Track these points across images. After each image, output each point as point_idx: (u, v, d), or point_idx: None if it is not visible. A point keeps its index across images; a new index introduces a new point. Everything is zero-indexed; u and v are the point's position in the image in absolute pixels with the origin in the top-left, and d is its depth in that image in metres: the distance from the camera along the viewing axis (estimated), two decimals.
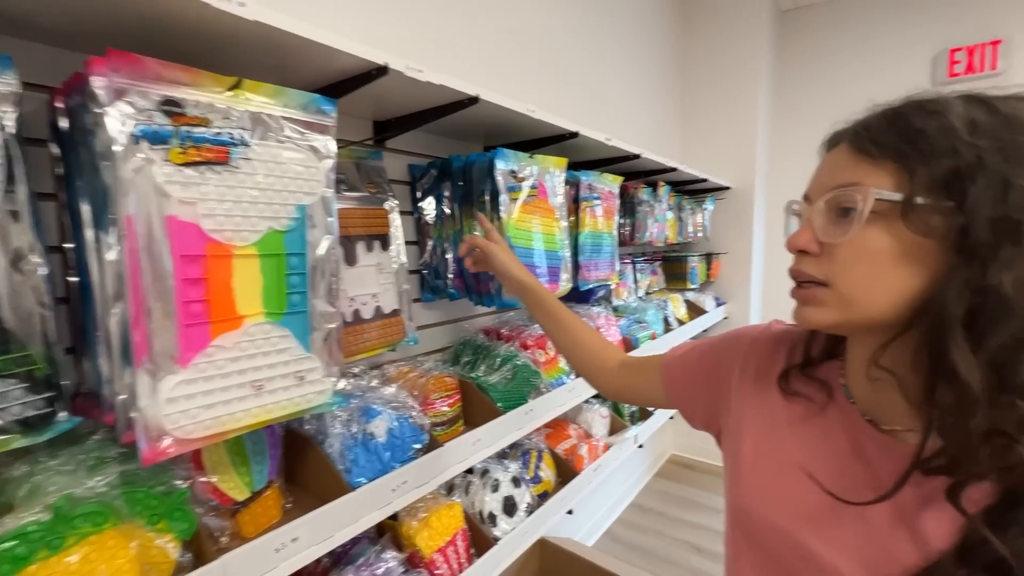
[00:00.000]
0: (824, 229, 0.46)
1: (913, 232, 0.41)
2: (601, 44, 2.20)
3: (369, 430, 0.87)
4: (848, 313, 0.45)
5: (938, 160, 0.40)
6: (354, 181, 1.03)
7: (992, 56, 2.57)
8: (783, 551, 0.50)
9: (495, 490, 1.23)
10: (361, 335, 0.93)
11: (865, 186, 0.42)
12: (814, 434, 0.52)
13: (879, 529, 0.45)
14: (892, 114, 0.44)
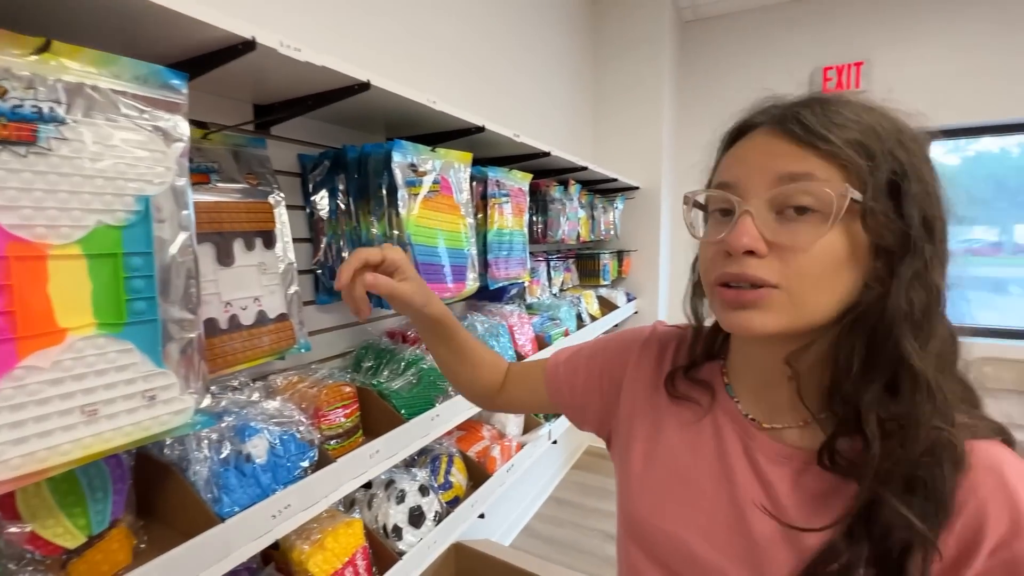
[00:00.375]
0: (773, 227, 0.42)
1: (867, 234, 0.41)
2: (513, 44, 2.18)
3: (245, 451, 0.78)
4: (797, 318, 0.42)
5: (881, 163, 0.40)
6: (230, 171, 0.92)
7: (856, 75, 2.90)
8: (675, 558, 0.50)
9: (400, 501, 1.16)
10: (240, 343, 0.82)
11: (828, 181, 0.40)
12: (701, 438, 0.52)
13: (764, 533, 0.45)
14: (823, 103, 0.43)
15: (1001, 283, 3.35)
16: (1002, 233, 3.34)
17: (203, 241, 0.79)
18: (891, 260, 0.41)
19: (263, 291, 0.89)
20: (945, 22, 2.72)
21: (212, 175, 0.85)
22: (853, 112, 0.42)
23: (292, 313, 0.98)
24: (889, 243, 0.41)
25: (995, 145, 3.07)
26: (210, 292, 0.79)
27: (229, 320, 0.83)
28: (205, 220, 0.80)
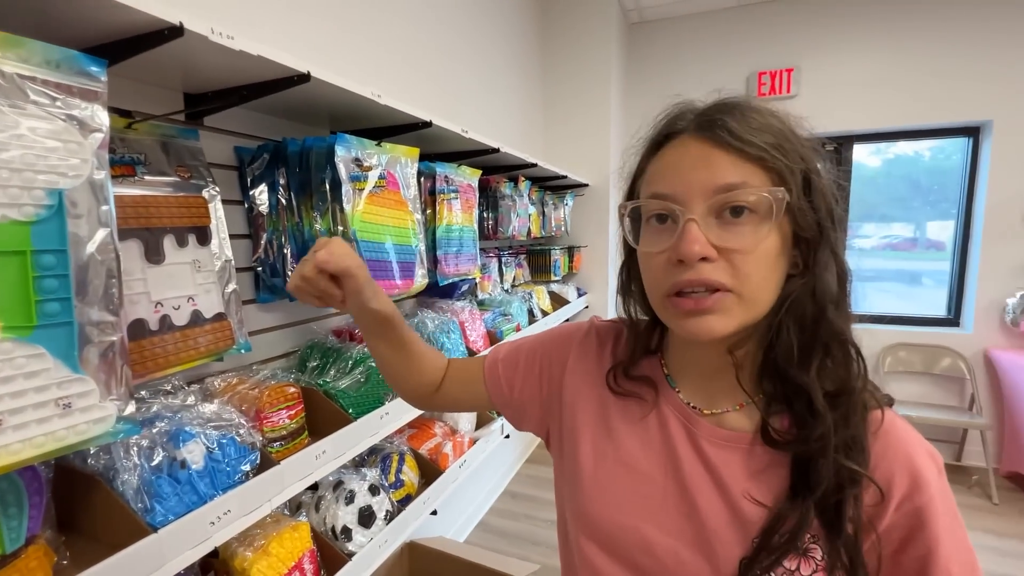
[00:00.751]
0: (717, 232, 0.43)
1: (793, 228, 0.44)
2: (463, 41, 2.17)
3: (180, 457, 0.74)
4: (748, 316, 0.44)
5: (793, 164, 0.44)
6: (158, 163, 0.87)
7: (788, 81, 3.09)
8: (632, 549, 0.50)
9: (350, 502, 1.14)
10: (173, 344, 0.78)
11: (762, 186, 0.43)
12: (649, 431, 0.53)
13: (713, 516, 0.47)
14: (741, 111, 0.45)
15: (916, 275, 3.67)
16: (916, 230, 3.65)
17: (129, 237, 0.74)
18: (807, 248, 0.46)
19: (198, 290, 0.85)
20: (867, 33, 2.94)
21: (138, 167, 0.80)
22: (763, 117, 0.45)
23: (230, 312, 0.94)
24: (808, 233, 0.45)
25: (910, 148, 3.35)
26: (138, 292, 0.74)
27: (160, 321, 0.78)
28: (131, 215, 0.76)
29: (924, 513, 0.43)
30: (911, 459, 0.44)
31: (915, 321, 3.17)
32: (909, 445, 0.45)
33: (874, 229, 3.71)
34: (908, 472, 0.43)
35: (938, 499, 0.43)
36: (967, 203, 3.00)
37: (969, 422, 2.72)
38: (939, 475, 0.45)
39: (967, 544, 0.45)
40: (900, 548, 0.44)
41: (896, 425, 0.46)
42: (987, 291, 2.88)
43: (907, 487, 0.43)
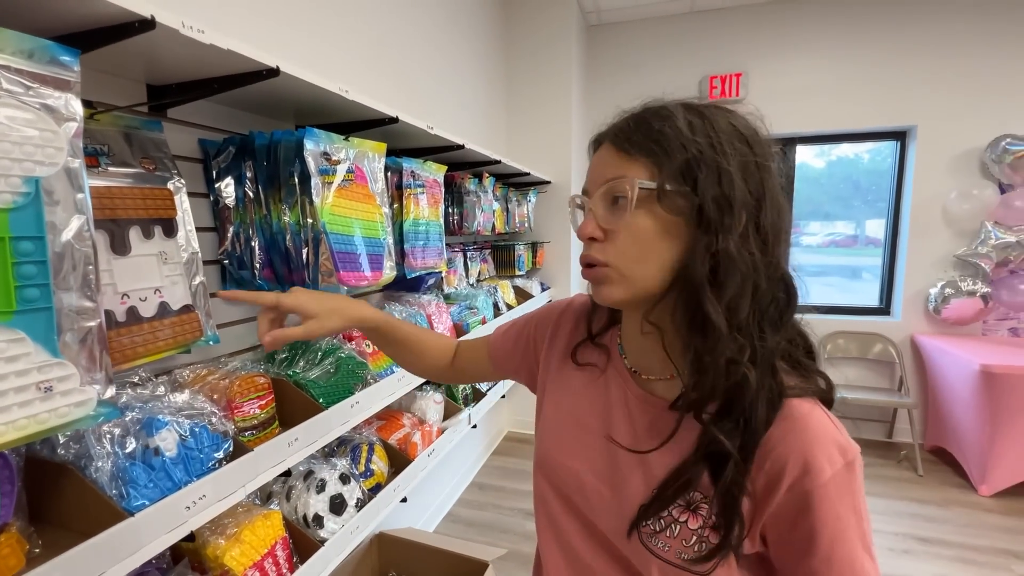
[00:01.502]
0: (604, 218, 0.52)
1: (667, 212, 0.50)
2: (428, 39, 2.19)
3: (153, 444, 0.75)
4: (630, 287, 0.52)
5: (676, 155, 0.49)
6: (122, 154, 0.87)
7: (736, 84, 3.26)
8: (569, 484, 0.61)
9: (321, 490, 1.16)
10: (140, 336, 0.79)
11: (629, 178, 0.50)
12: (597, 390, 0.63)
13: (627, 465, 0.56)
14: (638, 119, 0.53)
15: (856, 270, 3.95)
16: (857, 227, 3.93)
17: (95, 229, 0.74)
18: (690, 233, 0.50)
19: (164, 282, 0.86)
20: (809, 41, 3.15)
21: (102, 158, 0.80)
22: (665, 119, 0.51)
23: (198, 304, 0.94)
24: (689, 218, 0.49)
25: (851, 151, 3.60)
26: (105, 283, 0.75)
27: (127, 312, 0.79)
28: (96, 206, 0.75)
29: (811, 498, 0.46)
30: (809, 447, 0.47)
31: (852, 311, 3.42)
32: (813, 434, 0.48)
33: (819, 227, 3.97)
34: (802, 458, 0.47)
35: (832, 488, 0.46)
36: (896, 202, 3.26)
37: (898, 402, 2.96)
38: (845, 469, 0.47)
39: (861, 535, 0.48)
40: (789, 527, 0.48)
41: (808, 415, 0.49)
42: (913, 282, 3.14)
43: (799, 472, 0.47)
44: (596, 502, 0.58)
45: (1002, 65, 2.86)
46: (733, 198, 0.48)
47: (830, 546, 0.47)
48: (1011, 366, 2.41)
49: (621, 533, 0.54)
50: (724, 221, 0.48)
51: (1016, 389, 2.40)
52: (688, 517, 0.51)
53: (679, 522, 0.51)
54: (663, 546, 0.51)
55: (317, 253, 1.04)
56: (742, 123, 0.53)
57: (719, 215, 0.48)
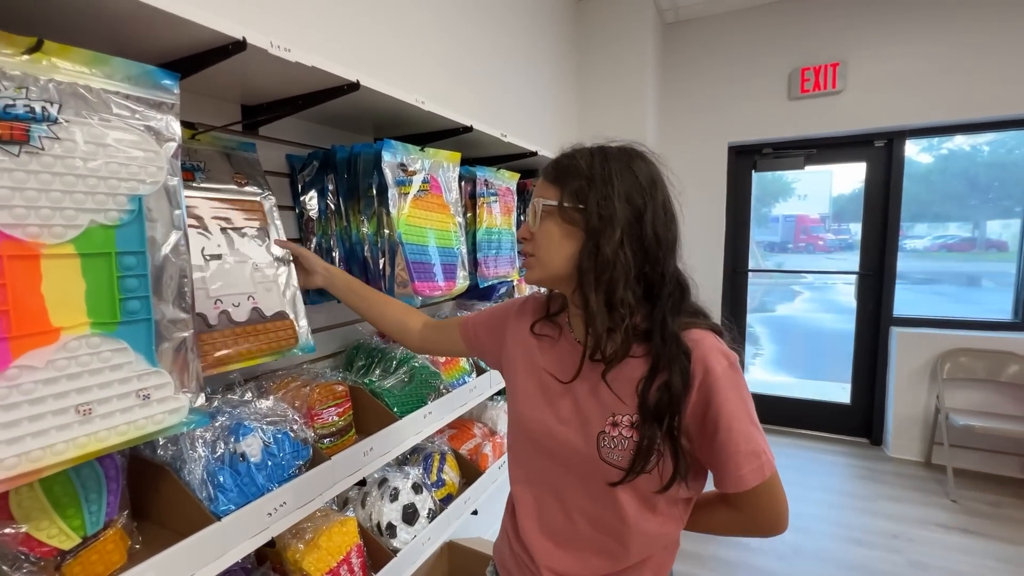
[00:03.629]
0: (532, 224, 0.73)
1: (564, 222, 0.69)
2: (499, 46, 2.20)
3: (240, 450, 0.78)
4: (544, 272, 0.72)
5: (572, 181, 0.69)
6: (217, 171, 0.92)
7: (832, 76, 2.98)
8: (539, 433, 0.75)
9: (394, 499, 1.17)
10: (232, 340, 0.82)
11: (541, 199, 0.71)
12: (555, 357, 0.78)
13: (582, 402, 0.72)
14: (558, 158, 0.73)
15: (974, 277, 3.46)
16: (975, 229, 3.45)
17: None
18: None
19: (256, 288, 0.89)
20: (919, 23, 2.81)
21: (197, 173, 0.85)
22: (572, 158, 0.71)
23: (294, 312, 0.98)
24: (581, 228, 0.68)
25: (967, 144, 3.17)
26: (197, 287, 0.78)
27: (219, 316, 0.82)
28: (192, 215, 0.80)
29: (712, 390, 0.64)
30: (705, 355, 0.65)
31: (977, 325, 2.98)
32: (707, 347, 0.65)
33: (926, 229, 3.52)
34: (702, 364, 0.64)
35: (724, 380, 0.64)
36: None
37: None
38: (730, 368, 0.65)
39: (749, 414, 0.65)
40: (702, 416, 0.65)
41: (702, 337, 0.66)
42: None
43: (702, 374, 0.64)
44: (564, 442, 0.72)
45: None
46: (613, 215, 0.66)
47: (729, 421, 0.63)
48: None
49: (591, 456, 0.69)
50: (604, 231, 0.66)
51: None
52: (632, 433, 0.66)
53: (626, 438, 0.67)
54: (618, 457, 0.67)
55: (393, 264, 1.05)
56: (638, 161, 0.70)
57: (600, 226, 0.66)
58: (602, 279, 0.66)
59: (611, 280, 0.65)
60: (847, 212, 3.33)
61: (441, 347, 1.00)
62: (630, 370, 0.68)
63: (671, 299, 0.68)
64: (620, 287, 0.65)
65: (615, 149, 0.71)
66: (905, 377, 2.99)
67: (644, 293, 0.68)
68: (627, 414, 0.67)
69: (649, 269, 0.68)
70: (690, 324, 0.68)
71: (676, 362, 0.64)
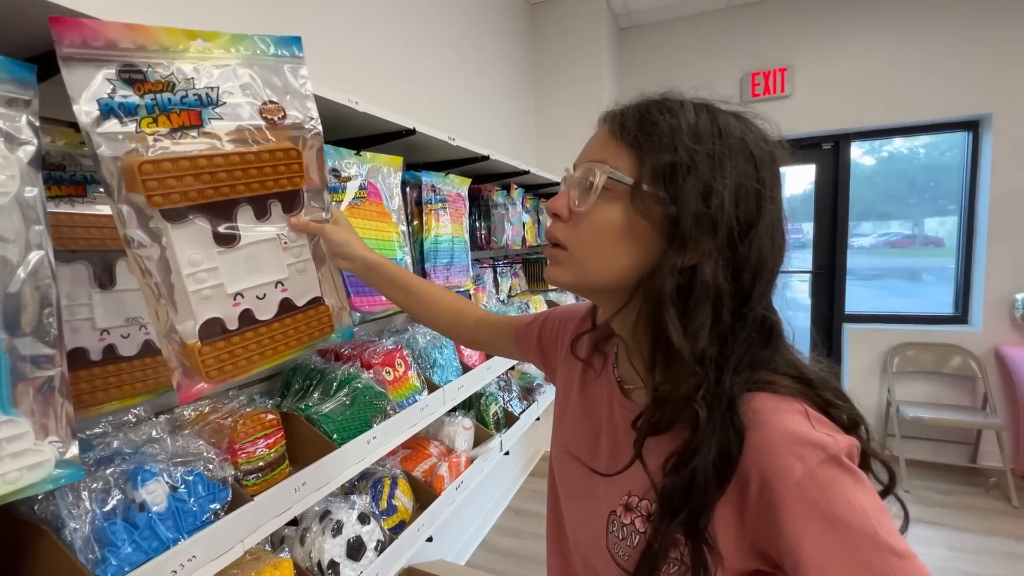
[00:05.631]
0: (576, 198, 0.49)
1: (636, 213, 0.45)
2: (451, 49, 2.14)
3: (139, 499, 0.68)
4: (579, 276, 0.50)
5: (663, 151, 0.44)
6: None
7: (781, 80, 3.05)
8: (572, 474, 0.60)
9: (337, 533, 1.07)
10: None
11: (606, 164, 0.47)
12: (594, 393, 0.61)
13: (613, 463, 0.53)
14: (643, 104, 0.48)
15: (915, 271, 3.61)
16: (914, 226, 3.61)
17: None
18: (655, 240, 0.46)
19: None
20: (861, 29, 2.91)
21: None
22: (669, 113, 0.46)
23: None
24: (661, 226, 0.45)
25: (905, 146, 3.31)
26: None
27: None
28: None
29: (779, 505, 0.39)
30: (770, 447, 0.40)
31: (922, 320, 3.10)
32: (772, 433, 0.41)
33: (871, 228, 3.67)
34: (766, 463, 0.40)
35: (805, 490, 0.37)
36: (969, 199, 2.94)
37: (983, 422, 2.64)
38: (823, 465, 0.38)
39: (870, 545, 0.35)
40: (771, 537, 0.40)
41: (767, 410, 0.42)
42: (995, 287, 2.81)
43: (759, 479, 0.40)
44: (580, 505, 0.57)
45: None
46: (718, 220, 0.43)
47: (821, 566, 0.36)
48: None
49: (596, 539, 0.52)
50: (701, 242, 0.43)
51: None
52: (647, 528, 0.47)
53: (639, 532, 0.48)
54: (623, 555, 0.49)
55: None
56: (759, 140, 0.47)
57: (697, 233, 0.43)
58: (693, 318, 0.43)
59: (704, 322, 0.43)
60: (799, 212, 3.42)
61: (492, 348, 0.86)
62: (665, 438, 0.46)
63: (746, 347, 0.45)
64: (706, 332, 0.43)
65: (729, 113, 0.47)
66: (858, 372, 3.08)
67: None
68: (646, 499, 0.48)
69: (735, 307, 0.45)
70: (761, 384, 0.44)
71: (714, 442, 0.41)
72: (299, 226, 0.70)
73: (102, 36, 0.50)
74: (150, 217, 0.57)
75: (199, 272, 0.61)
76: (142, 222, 0.57)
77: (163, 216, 0.58)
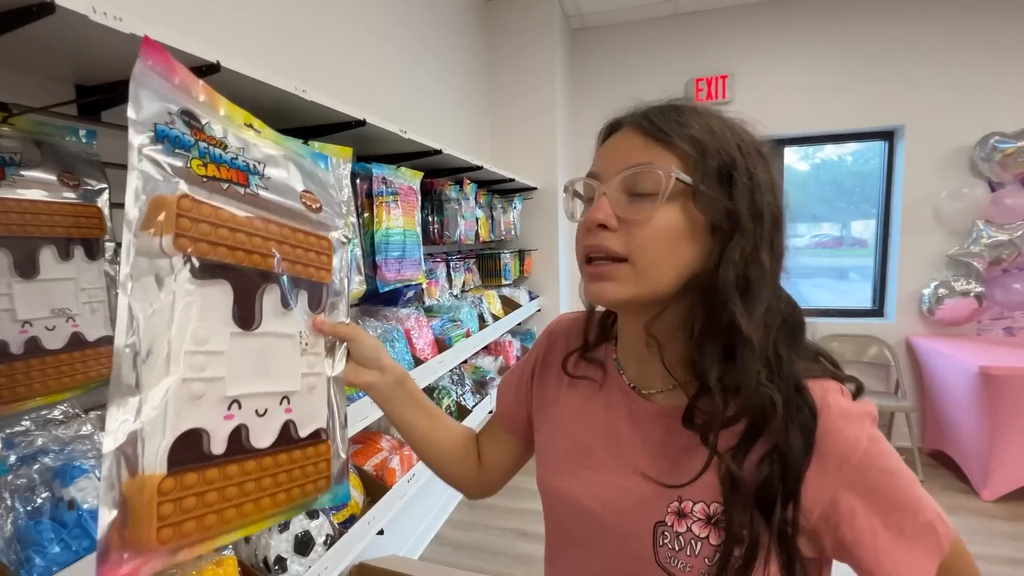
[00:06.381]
0: (623, 206, 0.48)
1: (700, 212, 0.46)
2: (402, 41, 2.11)
3: (68, 496, 0.65)
4: (642, 287, 0.48)
5: (712, 155, 0.47)
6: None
7: (723, 87, 3.21)
8: (565, 511, 0.56)
9: (284, 529, 1.06)
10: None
11: (662, 166, 0.46)
12: (595, 409, 0.58)
13: (632, 473, 0.51)
14: (671, 108, 0.50)
15: (843, 271, 3.91)
16: (842, 228, 3.90)
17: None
18: (724, 239, 0.47)
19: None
20: (795, 42, 3.11)
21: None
22: (697, 116, 0.49)
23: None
24: (721, 223, 0.47)
25: (835, 153, 3.57)
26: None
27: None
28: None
29: (858, 478, 0.44)
30: (839, 427, 0.44)
31: (846, 313, 3.36)
32: (836, 413, 0.45)
33: (805, 229, 3.95)
34: (842, 441, 0.44)
35: (875, 460, 0.44)
36: (886, 202, 3.22)
37: (896, 405, 2.90)
38: (875, 438, 0.45)
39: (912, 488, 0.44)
40: (836, 510, 0.44)
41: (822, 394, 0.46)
42: (906, 283, 3.09)
43: (838, 456, 0.44)
44: (604, 525, 0.52)
45: (988, 63, 2.83)
46: (763, 210, 0.47)
47: (887, 515, 0.43)
48: (1010, 367, 2.36)
49: (642, 556, 0.49)
50: (757, 232, 0.46)
51: (1016, 391, 2.35)
52: (709, 532, 0.46)
53: (700, 538, 0.46)
54: (683, 566, 0.46)
55: None
56: (760, 140, 0.51)
57: (752, 225, 0.46)
58: (757, 304, 0.46)
59: (766, 307, 0.46)
60: None
61: (501, 460, 0.71)
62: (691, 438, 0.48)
63: (784, 330, 0.48)
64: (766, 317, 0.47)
65: (734, 118, 0.51)
66: None
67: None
68: (701, 501, 0.47)
69: (779, 291, 0.50)
70: (809, 372, 0.47)
71: (795, 423, 0.44)
72: (325, 326, 0.56)
73: (178, 75, 0.46)
74: (166, 261, 0.43)
75: (200, 354, 0.44)
76: (152, 267, 0.43)
77: (185, 264, 0.44)
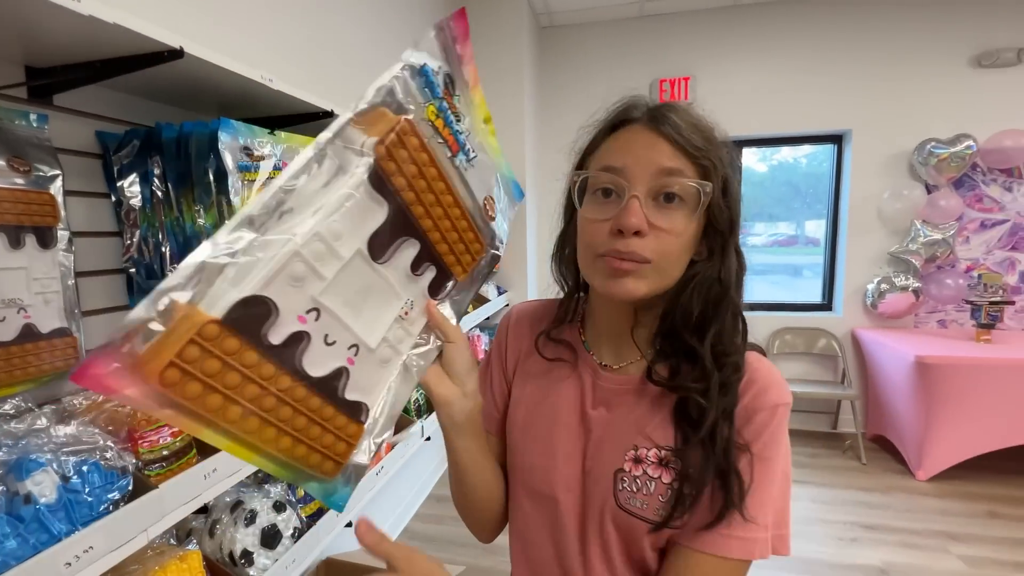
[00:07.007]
0: (653, 212, 0.51)
1: (707, 218, 0.53)
2: (372, 40, 2.09)
3: (23, 491, 0.63)
4: (659, 284, 0.53)
5: (720, 167, 0.52)
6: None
7: (685, 88, 3.32)
8: (538, 482, 0.60)
9: (250, 523, 1.05)
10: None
11: (695, 179, 0.50)
12: (568, 387, 0.62)
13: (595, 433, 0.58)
14: (688, 117, 0.53)
15: (798, 268, 4.11)
16: (797, 228, 4.10)
17: None
18: (716, 239, 0.54)
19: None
20: (753, 46, 3.24)
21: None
22: (697, 121, 0.53)
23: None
24: (721, 227, 0.54)
25: (791, 156, 3.74)
26: None
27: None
28: None
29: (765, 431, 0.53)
30: (771, 386, 0.54)
31: (797, 307, 3.54)
32: (768, 378, 0.54)
33: (763, 228, 4.13)
34: (775, 395, 0.53)
35: (783, 424, 0.53)
36: (835, 203, 3.40)
37: (841, 394, 3.08)
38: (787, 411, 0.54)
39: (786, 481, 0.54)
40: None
41: (758, 366, 0.55)
42: (853, 279, 3.29)
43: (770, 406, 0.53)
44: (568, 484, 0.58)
45: (925, 73, 3.03)
46: (738, 211, 0.55)
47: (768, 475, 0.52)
48: (943, 356, 2.54)
49: (603, 501, 0.55)
50: (733, 232, 0.54)
51: (948, 378, 2.54)
52: (661, 472, 0.53)
53: (653, 478, 0.53)
54: (640, 504, 0.53)
55: None
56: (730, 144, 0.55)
57: (731, 227, 0.54)
58: (740, 290, 0.56)
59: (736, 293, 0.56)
60: None
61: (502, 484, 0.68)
62: (663, 397, 0.56)
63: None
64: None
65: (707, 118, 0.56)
66: None
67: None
68: (655, 447, 0.54)
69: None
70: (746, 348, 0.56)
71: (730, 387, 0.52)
72: (436, 314, 0.50)
73: (465, 51, 0.50)
74: (358, 157, 0.42)
75: (324, 244, 0.39)
76: (342, 153, 0.41)
77: (368, 170, 0.42)
